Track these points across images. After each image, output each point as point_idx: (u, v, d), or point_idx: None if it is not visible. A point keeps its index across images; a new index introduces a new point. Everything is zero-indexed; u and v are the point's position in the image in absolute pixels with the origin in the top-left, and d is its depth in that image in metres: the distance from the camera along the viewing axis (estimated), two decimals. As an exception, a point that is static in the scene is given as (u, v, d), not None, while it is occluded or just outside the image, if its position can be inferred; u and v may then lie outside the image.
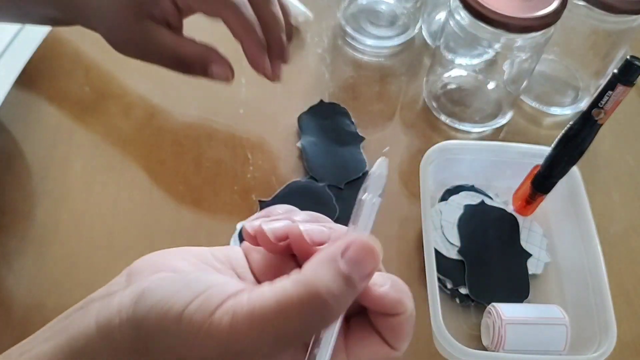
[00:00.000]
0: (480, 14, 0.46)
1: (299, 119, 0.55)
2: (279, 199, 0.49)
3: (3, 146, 0.52)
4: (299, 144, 0.53)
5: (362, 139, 0.54)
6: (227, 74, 0.44)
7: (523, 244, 0.48)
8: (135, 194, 0.50)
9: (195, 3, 0.43)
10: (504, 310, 0.41)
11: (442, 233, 0.47)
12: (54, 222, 0.48)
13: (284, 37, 0.46)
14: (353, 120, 0.55)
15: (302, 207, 0.48)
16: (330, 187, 0.50)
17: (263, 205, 0.49)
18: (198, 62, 0.43)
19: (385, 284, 0.26)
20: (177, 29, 0.44)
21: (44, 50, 0.58)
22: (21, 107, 0.54)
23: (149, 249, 0.47)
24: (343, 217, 0.48)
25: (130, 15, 0.41)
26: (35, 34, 0.58)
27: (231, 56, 0.60)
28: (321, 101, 0.56)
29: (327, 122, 0.54)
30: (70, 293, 0.44)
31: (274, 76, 0.46)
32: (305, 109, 0.56)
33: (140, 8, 0.41)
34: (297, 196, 0.49)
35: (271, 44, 0.45)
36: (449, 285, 0.45)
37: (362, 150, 0.53)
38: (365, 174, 0.51)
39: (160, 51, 0.43)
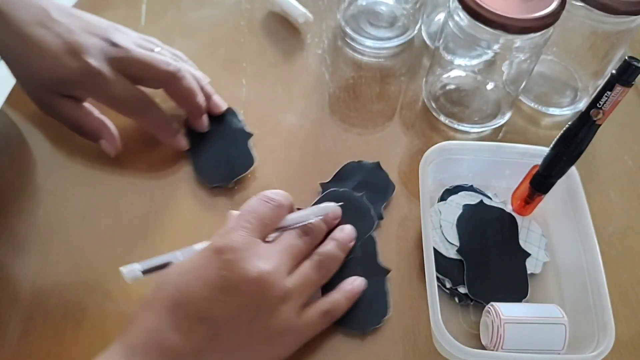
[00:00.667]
0: (479, 15, 0.46)
1: (185, 122, 0.54)
2: None
3: (6, 145, 0.52)
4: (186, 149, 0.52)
5: (250, 135, 0.53)
6: (111, 150, 0.50)
7: (522, 243, 0.48)
8: (137, 194, 0.50)
9: (108, 105, 0.49)
10: (503, 310, 0.42)
11: (442, 233, 0.48)
12: (57, 220, 0.48)
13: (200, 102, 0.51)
14: (241, 118, 0.54)
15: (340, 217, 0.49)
16: (219, 187, 0.50)
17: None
18: (92, 134, 0.50)
19: None
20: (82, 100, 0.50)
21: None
22: (23, 106, 0.55)
23: (151, 247, 0.47)
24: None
25: (43, 91, 0.48)
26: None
27: (231, 56, 0.61)
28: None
29: (215, 121, 0.54)
30: (73, 291, 0.45)
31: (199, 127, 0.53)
32: (305, 108, 0.56)
33: (52, 89, 0.47)
34: None
35: (192, 107, 0.52)
36: (448, 285, 0.46)
37: (250, 147, 0.53)
38: (250, 167, 0.51)
39: (63, 118, 0.49)
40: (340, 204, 0.47)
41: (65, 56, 0.46)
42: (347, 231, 0.46)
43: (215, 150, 0.52)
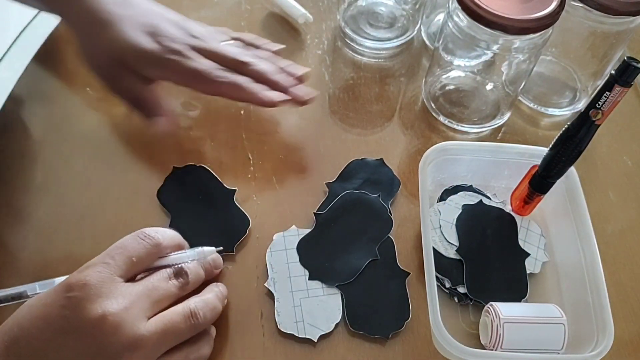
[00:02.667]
0: (479, 16, 0.46)
1: (159, 194, 0.49)
2: (332, 211, 0.49)
3: (6, 145, 0.52)
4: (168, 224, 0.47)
5: (233, 192, 0.50)
6: (167, 126, 0.50)
7: (521, 243, 0.48)
8: (137, 194, 0.50)
9: (184, 82, 0.50)
10: (502, 309, 0.42)
11: (441, 232, 0.48)
12: (56, 221, 0.48)
13: (276, 72, 0.52)
14: (215, 174, 0.51)
15: (357, 219, 0.50)
16: (221, 252, 0.45)
17: (318, 217, 0.49)
18: (151, 109, 0.50)
19: None
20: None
21: (48, 47, 0.58)
22: (23, 107, 0.55)
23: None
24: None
25: (113, 65, 0.48)
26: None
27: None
28: (174, 168, 0.51)
29: (191, 187, 0.50)
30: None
31: (299, 100, 0.52)
32: (304, 108, 0.56)
33: (124, 64, 0.48)
34: (350, 208, 0.49)
35: (270, 84, 0.51)
36: (448, 285, 0.46)
37: (238, 204, 0.49)
38: (247, 228, 0.48)
39: (125, 90, 0.50)
40: (219, 248, 0.44)
41: (145, 36, 0.48)
42: (222, 287, 0.43)
43: (204, 221, 0.48)
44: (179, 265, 0.40)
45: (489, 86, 0.58)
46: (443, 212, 0.49)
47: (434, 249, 0.46)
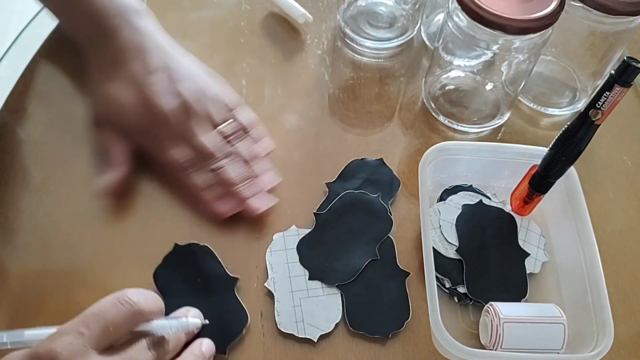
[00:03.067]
0: (478, 16, 0.46)
1: (155, 276, 0.45)
2: (332, 211, 0.49)
3: (6, 145, 0.52)
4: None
5: (235, 280, 0.45)
6: (110, 182, 0.49)
7: (521, 243, 0.48)
8: (137, 196, 0.50)
9: (158, 160, 0.50)
10: (502, 309, 0.42)
11: (441, 232, 0.48)
12: (56, 222, 0.48)
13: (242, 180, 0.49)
14: (219, 259, 0.46)
15: (356, 219, 0.49)
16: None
17: (318, 217, 0.49)
18: (108, 163, 0.50)
19: None
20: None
21: (48, 47, 0.58)
22: (22, 108, 0.55)
23: (151, 247, 0.47)
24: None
25: (97, 109, 0.52)
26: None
27: (231, 56, 0.61)
28: (176, 245, 0.47)
29: (189, 270, 0.46)
30: (73, 293, 0.45)
31: (252, 213, 0.49)
32: (304, 108, 0.57)
33: (105, 115, 0.51)
34: (350, 208, 0.49)
35: (230, 193, 0.49)
36: (447, 285, 0.46)
37: (237, 294, 0.45)
38: (244, 328, 0.43)
39: (100, 140, 0.51)
40: (206, 322, 0.42)
41: (138, 107, 0.49)
42: (206, 346, 0.41)
43: (201, 308, 0.43)
44: (160, 335, 0.38)
45: (489, 86, 0.59)
46: (443, 212, 0.49)
47: (434, 249, 0.46)
